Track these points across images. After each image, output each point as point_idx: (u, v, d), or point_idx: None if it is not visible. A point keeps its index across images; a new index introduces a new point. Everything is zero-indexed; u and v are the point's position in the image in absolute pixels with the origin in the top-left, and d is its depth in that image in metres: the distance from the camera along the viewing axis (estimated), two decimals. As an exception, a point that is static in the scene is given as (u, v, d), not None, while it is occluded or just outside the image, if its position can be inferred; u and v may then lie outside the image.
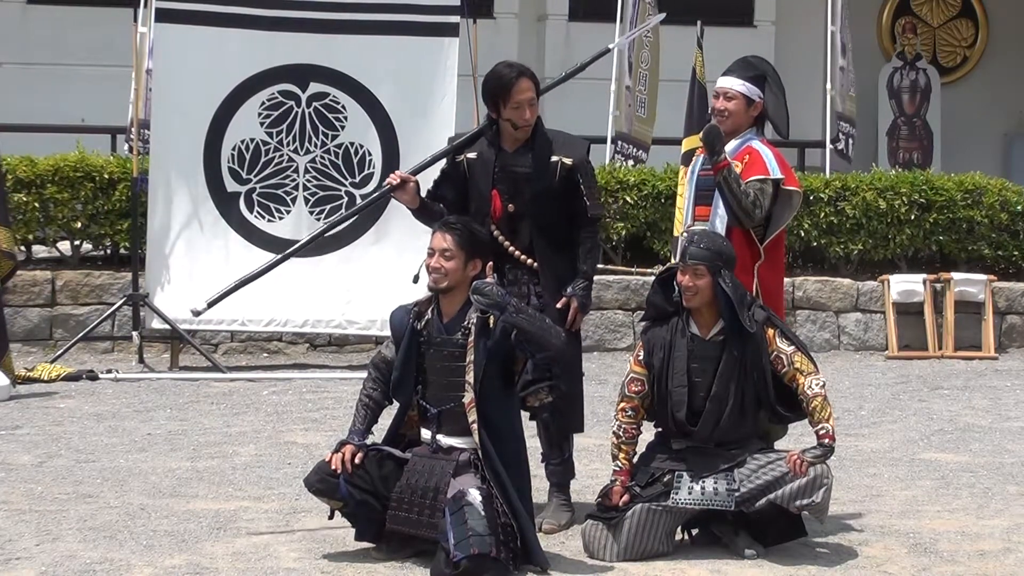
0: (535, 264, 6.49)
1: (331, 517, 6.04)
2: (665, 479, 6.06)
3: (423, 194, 6.62)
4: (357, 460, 5.90)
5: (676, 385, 6.07)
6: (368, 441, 6.02)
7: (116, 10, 14.50)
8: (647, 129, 13.59)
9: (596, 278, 12.43)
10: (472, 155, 6.56)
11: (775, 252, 6.69)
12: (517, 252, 6.48)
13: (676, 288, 6.13)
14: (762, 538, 6.08)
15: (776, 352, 6.05)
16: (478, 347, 5.80)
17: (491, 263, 5.99)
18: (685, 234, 6.75)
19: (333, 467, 5.88)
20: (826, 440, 5.92)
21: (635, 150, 13.39)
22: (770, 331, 6.08)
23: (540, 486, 6.48)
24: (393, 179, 6.55)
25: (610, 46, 11.92)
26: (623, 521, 5.97)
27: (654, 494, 6.04)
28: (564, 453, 6.64)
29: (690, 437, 6.07)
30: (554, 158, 6.47)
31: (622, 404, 6.18)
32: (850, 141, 13.92)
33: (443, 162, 6.77)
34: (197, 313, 7.81)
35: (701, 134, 6.55)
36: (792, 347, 6.07)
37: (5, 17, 15.59)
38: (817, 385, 5.98)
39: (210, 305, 7.48)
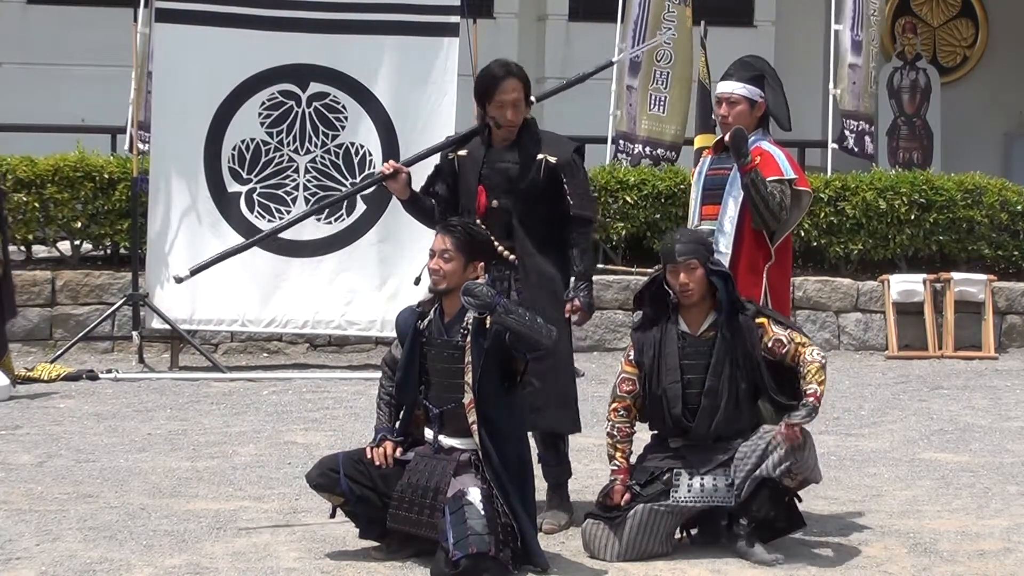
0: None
1: (332, 515, 6.05)
2: (664, 477, 6.06)
3: (418, 189, 6.68)
4: (398, 455, 5.93)
5: (670, 381, 6.07)
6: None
7: (116, 10, 14.49)
8: (672, 128, 13.43)
9: (596, 278, 12.47)
10: (463, 152, 6.64)
11: (784, 254, 6.71)
12: (500, 248, 6.50)
13: (669, 292, 6.11)
14: (761, 534, 6.07)
15: (774, 337, 6.04)
16: (475, 347, 5.80)
17: (482, 264, 6.00)
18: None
19: (377, 463, 5.89)
20: (811, 400, 5.88)
21: (647, 148, 13.28)
22: (762, 320, 6.08)
23: (540, 486, 6.47)
24: (386, 168, 6.64)
25: (613, 59, 12.02)
26: (625, 521, 5.97)
27: (654, 493, 6.04)
28: (560, 453, 6.63)
29: (688, 435, 6.07)
30: (539, 156, 6.51)
31: (614, 404, 6.20)
32: (866, 139, 13.82)
33: (438, 157, 6.83)
34: (179, 280, 8.00)
35: (727, 137, 6.55)
36: (787, 329, 6.07)
37: (5, 17, 15.59)
38: (817, 354, 5.99)
39: (193, 273, 7.57)
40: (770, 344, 6.05)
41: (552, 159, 6.50)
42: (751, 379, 6.05)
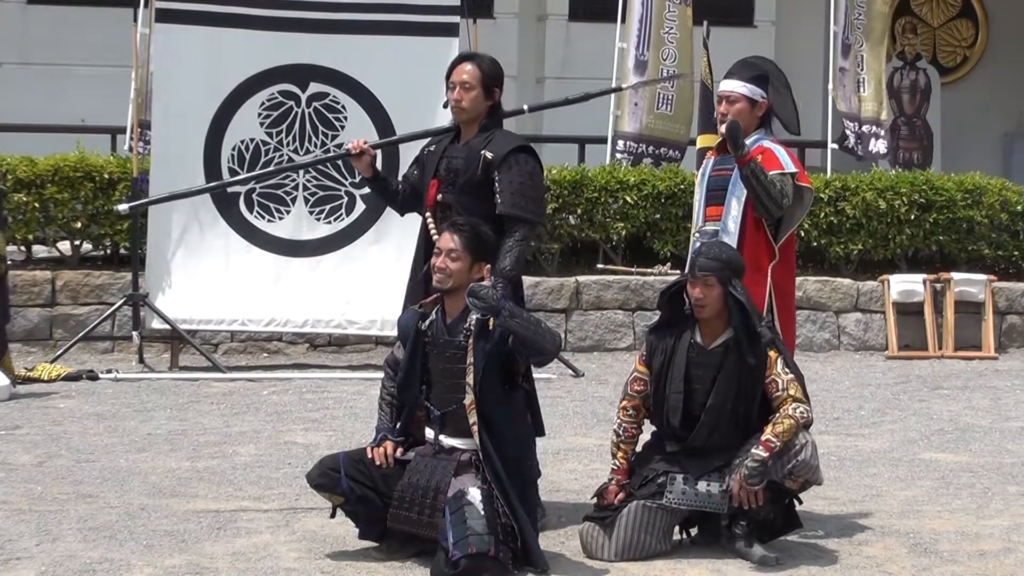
0: None
1: (332, 515, 6.05)
2: (659, 480, 6.06)
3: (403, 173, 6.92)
4: (399, 455, 5.93)
5: (673, 391, 6.06)
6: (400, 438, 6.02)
7: (116, 10, 14.51)
8: (677, 127, 13.40)
9: (596, 278, 12.50)
10: (432, 147, 6.75)
11: (787, 253, 6.70)
12: None
13: (686, 300, 6.10)
14: (760, 534, 6.07)
15: (772, 377, 6.01)
16: (477, 349, 5.80)
17: (488, 266, 5.99)
18: (696, 235, 6.75)
19: (378, 463, 5.89)
20: (761, 450, 5.82)
21: (649, 148, 13.26)
22: (772, 354, 6.04)
23: (541, 486, 6.47)
24: (352, 147, 6.76)
25: (624, 85, 12.13)
26: (618, 519, 5.97)
27: (647, 494, 6.04)
28: None
29: (684, 443, 6.06)
30: (482, 152, 6.51)
31: (624, 403, 6.20)
32: (872, 140, 13.79)
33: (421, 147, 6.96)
34: (121, 213, 8.85)
35: (724, 129, 6.54)
36: (790, 376, 6.04)
37: (5, 17, 15.59)
38: (799, 412, 5.93)
39: (132, 208, 8.32)
40: (767, 380, 6.03)
41: (489, 155, 6.48)
42: (751, 405, 6.03)
